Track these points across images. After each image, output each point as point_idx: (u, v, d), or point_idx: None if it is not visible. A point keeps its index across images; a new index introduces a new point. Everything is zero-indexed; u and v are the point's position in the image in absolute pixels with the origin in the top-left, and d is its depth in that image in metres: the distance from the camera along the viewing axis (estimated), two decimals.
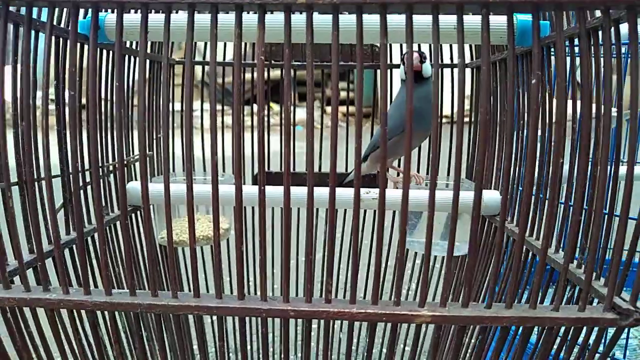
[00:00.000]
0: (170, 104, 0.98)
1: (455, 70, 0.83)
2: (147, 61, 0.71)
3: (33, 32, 0.42)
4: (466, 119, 0.86)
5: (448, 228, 0.70)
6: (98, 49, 0.56)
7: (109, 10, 0.53)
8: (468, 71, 0.81)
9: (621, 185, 0.39)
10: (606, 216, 0.42)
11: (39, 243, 0.41)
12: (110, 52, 0.60)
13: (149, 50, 0.72)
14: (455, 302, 0.39)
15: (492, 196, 0.64)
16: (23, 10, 0.37)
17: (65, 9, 0.50)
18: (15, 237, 0.43)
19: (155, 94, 0.78)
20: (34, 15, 0.40)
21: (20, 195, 0.46)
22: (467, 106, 0.86)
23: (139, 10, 0.36)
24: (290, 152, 0.37)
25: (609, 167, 0.39)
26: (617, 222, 0.38)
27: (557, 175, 0.39)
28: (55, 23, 0.50)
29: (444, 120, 0.96)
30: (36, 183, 0.47)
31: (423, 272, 0.37)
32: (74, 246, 0.51)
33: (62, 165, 0.53)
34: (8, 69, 0.41)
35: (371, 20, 0.41)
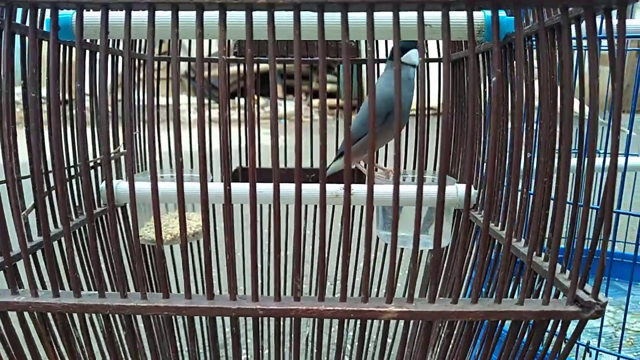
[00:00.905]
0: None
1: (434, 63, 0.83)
2: (122, 59, 0.70)
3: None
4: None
5: (428, 220, 0.71)
6: (61, 47, 0.56)
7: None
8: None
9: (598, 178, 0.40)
10: (571, 207, 0.43)
11: (6, 246, 0.41)
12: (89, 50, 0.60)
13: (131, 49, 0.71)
14: (422, 298, 0.39)
15: (464, 190, 0.65)
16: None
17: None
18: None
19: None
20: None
21: None
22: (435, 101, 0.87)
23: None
24: (256, 150, 0.37)
25: (572, 159, 0.40)
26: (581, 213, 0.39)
27: (517, 167, 0.40)
28: (21, 22, 0.50)
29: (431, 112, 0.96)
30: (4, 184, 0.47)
31: (389, 268, 0.38)
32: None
33: (31, 166, 0.52)
34: None
35: (355, 17, 0.41)
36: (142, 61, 0.80)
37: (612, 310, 1.12)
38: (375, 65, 0.77)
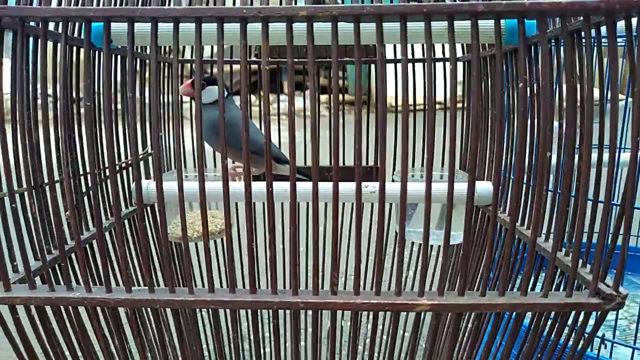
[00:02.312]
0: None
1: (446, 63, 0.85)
2: (147, 61, 0.73)
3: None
4: (459, 105, 0.89)
5: (444, 218, 0.73)
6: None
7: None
8: (460, 64, 0.84)
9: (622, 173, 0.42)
10: (591, 203, 0.45)
11: (61, 242, 0.44)
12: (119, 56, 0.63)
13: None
14: (452, 291, 0.42)
15: (485, 187, 0.67)
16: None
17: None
18: (37, 237, 0.46)
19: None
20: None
21: (36, 199, 0.48)
22: (460, 92, 0.89)
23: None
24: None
25: (593, 155, 0.42)
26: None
27: (544, 166, 0.42)
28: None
29: (437, 106, 0.97)
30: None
31: (421, 265, 0.40)
32: (86, 246, 0.54)
33: (73, 168, 0.55)
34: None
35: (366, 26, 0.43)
36: (166, 64, 0.83)
37: (626, 303, 1.13)
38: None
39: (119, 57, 0.62)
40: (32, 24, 0.43)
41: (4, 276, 0.42)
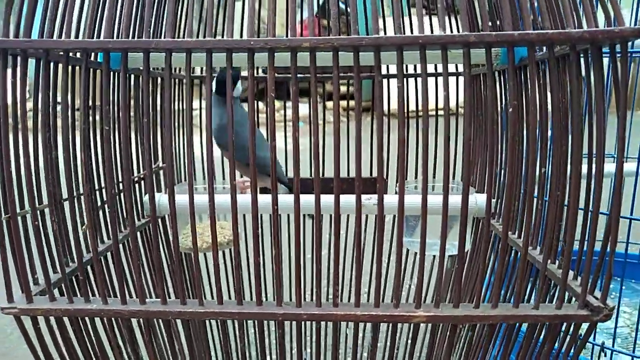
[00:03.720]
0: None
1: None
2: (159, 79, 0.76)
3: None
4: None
5: (446, 228, 0.75)
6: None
7: None
8: (461, 78, 0.86)
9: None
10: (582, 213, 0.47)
11: (80, 256, 0.46)
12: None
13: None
14: (448, 303, 0.44)
15: (483, 199, 0.69)
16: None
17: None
18: (57, 250, 0.49)
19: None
20: None
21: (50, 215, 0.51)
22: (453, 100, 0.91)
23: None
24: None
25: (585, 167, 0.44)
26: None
27: (532, 185, 0.45)
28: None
29: (434, 113, 0.97)
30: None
31: (418, 278, 0.43)
32: (101, 258, 0.57)
33: (91, 184, 0.58)
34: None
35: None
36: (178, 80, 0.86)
37: (628, 311, 1.15)
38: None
39: (132, 76, 0.65)
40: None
41: (27, 289, 0.45)
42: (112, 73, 0.61)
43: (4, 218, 0.43)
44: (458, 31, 0.72)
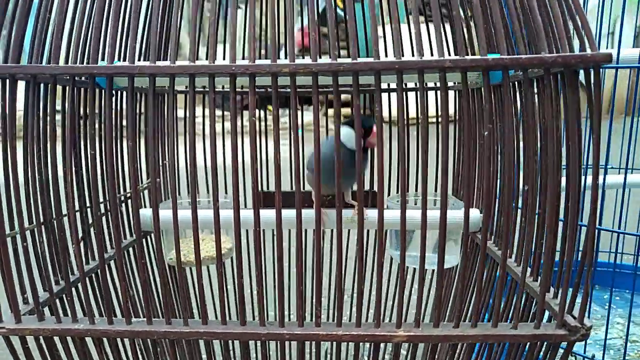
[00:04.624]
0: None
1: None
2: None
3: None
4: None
5: (435, 241, 0.76)
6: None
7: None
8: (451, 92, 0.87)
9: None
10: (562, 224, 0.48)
11: (68, 277, 0.47)
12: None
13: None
14: (429, 322, 0.45)
15: (472, 214, 0.70)
16: None
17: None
18: (46, 270, 0.50)
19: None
20: None
21: (45, 233, 0.52)
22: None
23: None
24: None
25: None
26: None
27: (509, 196, 0.45)
28: None
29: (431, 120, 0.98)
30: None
31: (398, 298, 0.43)
32: (92, 275, 0.57)
33: (80, 202, 0.59)
34: None
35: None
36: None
37: (622, 322, 1.15)
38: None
39: (120, 93, 0.67)
40: None
41: (15, 309, 0.46)
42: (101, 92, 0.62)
43: None
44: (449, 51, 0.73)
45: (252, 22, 0.44)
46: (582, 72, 0.41)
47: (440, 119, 0.89)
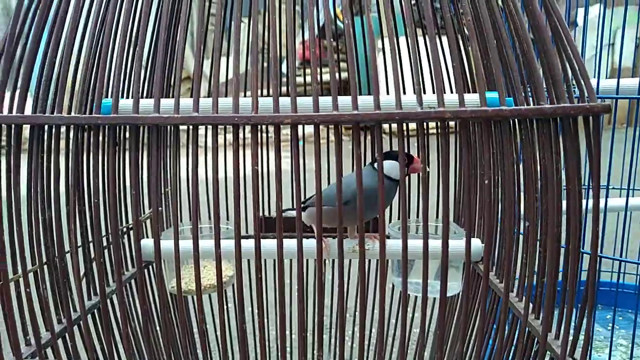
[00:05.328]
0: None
1: None
2: None
3: None
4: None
5: (437, 269, 0.76)
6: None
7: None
8: None
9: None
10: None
11: (70, 319, 0.48)
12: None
13: None
14: None
15: (474, 244, 0.70)
16: None
17: None
18: (47, 309, 0.50)
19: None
20: None
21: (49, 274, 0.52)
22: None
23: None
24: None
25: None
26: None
27: (510, 232, 0.46)
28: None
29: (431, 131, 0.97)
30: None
31: (400, 342, 0.44)
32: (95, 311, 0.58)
33: (82, 238, 0.59)
34: None
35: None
36: None
37: (625, 344, 1.14)
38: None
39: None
40: None
41: (17, 353, 0.46)
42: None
43: None
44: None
45: (255, 65, 0.45)
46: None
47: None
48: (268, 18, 0.92)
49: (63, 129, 0.46)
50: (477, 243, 0.70)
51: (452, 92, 0.71)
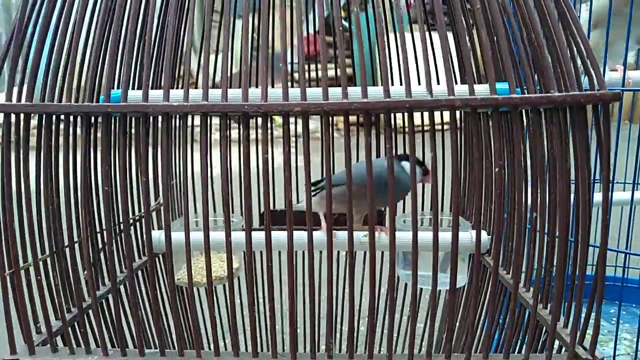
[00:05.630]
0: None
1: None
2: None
3: None
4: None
5: (447, 261, 0.76)
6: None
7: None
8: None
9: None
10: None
11: (81, 306, 0.48)
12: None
13: None
14: (441, 354, 0.45)
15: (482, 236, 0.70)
16: None
17: None
18: (58, 297, 0.50)
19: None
20: None
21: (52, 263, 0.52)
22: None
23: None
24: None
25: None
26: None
27: (520, 220, 0.46)
28: None
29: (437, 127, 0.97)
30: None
31: (410, 333, 0.44)
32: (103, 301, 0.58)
33: (90, 228, 0.59)
34: None
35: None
36: None
37: (629, 337, 1.14)
38: None
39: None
40: None
41: (29, 340, 0.46)
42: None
43: (7, 274, 0.45)
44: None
45: (266, 54, 0.45)
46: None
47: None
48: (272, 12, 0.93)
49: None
50: (483, 235, 0.70)
51: (456, 84, 0.71)
